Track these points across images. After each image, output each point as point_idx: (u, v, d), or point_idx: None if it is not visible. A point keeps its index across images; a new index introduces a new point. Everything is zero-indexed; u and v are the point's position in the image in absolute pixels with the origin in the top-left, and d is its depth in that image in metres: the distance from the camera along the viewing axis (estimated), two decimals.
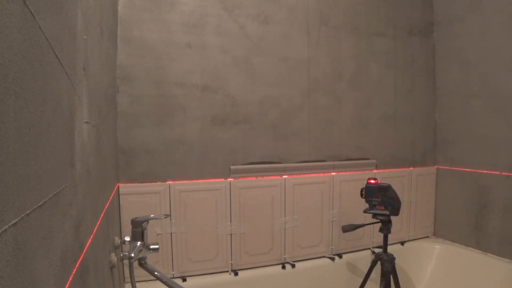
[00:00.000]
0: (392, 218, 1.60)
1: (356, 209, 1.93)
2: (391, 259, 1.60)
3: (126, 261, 1.21)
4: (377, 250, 1.94)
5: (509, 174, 1.82)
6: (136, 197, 1.59)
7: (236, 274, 1.73)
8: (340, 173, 1.97)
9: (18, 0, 0.37)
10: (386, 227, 1.61)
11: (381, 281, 1.57)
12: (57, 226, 0.51)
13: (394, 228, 1.73)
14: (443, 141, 2.21)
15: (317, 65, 1.91)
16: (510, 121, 1.81)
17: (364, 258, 1.95)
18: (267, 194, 1.80)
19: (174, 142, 1.66)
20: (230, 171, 1.74)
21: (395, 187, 1.61)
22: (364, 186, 1.64)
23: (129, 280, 1.33)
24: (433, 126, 2.25)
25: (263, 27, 1.80)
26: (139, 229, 1.23)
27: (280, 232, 1.84)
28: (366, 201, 1.63)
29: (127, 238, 1.25)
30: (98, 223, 0.92)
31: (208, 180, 1.71)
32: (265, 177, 1.80)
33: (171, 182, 1.65)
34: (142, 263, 1.25)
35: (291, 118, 1.86)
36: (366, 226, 1.84)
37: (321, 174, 1.93)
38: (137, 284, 1.33)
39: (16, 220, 0.35)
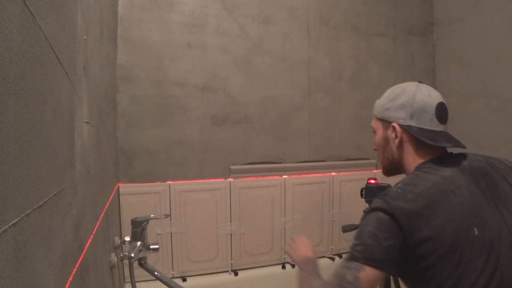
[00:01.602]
0: None
1: (356, 209, 1.93)
2: None
3: (126, 261, 1.21)
4: None
5: None
6: (136, 197, 1.59)
7: (236, 274, 1.73)
8: (340, 173, 1.97)
9: (18, 0, 0.37)
10: None
11: None
12: (57, 226, 0.51)
13: None
14: None
15: (317, 65, 1.91)
16: (510, 121, 1.80)
17: None
18: (267, 194, 1.80)
19: (174, 142, 1.66)
20: (230, 171, 1.74)
21: None
22: (364, 186, 1.64)
23: (129, 280, 1.33)
24: None
25: (263, 27, 1.80)
26: (139, 229, 1.23)
27: (280, 232, 1.84)
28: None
29: (127, 238, 1.25)
30: (98, 223, 0.92)
31: (208, 180, 1.71)
32: (265, 177, 1.80)
33: (171, 182, 1.65)
34: (142, 263, 1.25)
35: (291, 118, 1.86)
36: None
37: (321, 174, 1.93)
38: (137, 284, 1.33)
39: (16, 220, 0.35)
